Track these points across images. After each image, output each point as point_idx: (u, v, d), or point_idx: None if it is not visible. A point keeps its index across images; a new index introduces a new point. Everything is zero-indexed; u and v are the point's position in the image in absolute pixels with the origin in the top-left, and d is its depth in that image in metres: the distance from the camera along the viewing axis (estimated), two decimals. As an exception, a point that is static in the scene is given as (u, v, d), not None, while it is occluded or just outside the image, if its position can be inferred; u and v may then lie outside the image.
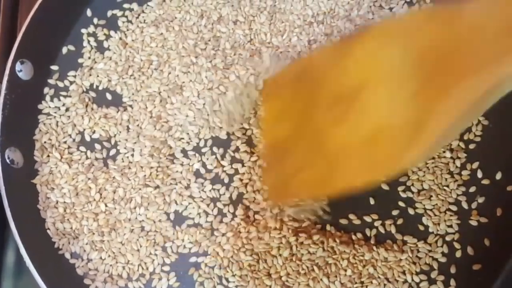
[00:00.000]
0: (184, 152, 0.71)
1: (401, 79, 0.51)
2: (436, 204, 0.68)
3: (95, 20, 0.78)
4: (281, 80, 0.68)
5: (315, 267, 0.65)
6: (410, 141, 0.50)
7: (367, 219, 0.68)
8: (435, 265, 0.66)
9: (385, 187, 0.69)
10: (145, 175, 0.69)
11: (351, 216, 0.68)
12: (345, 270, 0.66)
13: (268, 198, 0.67)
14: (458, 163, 0.69)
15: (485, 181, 0.69)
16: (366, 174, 0.54)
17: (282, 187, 0.64)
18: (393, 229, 0.67)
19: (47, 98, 0.73)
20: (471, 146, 0.70)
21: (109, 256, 0.67)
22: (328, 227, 0.67)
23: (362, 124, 0.55)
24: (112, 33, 0.77)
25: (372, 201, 0.68)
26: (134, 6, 0.79)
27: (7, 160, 0.66)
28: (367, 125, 0.54)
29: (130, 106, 0.73)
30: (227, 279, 0.66)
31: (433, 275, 0.66)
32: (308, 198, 0.66)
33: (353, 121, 0.56)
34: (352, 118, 0.56)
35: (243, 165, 0.70)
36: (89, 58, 0.76)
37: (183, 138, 0.71)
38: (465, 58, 0.47)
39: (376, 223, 0.68)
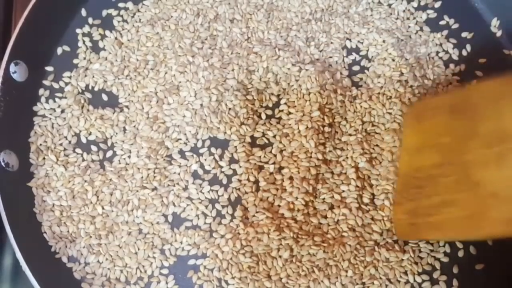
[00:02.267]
0: (181, 153, 0.70)
1: None
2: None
3: (90, 20, 0.77)
4: (432, 109, 0.63)
5: (315, 269, 0.65)
6: None
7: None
8: (438, 265, 0.66)
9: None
10: (142, 177, 0.68)
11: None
12: (346, 271, 0.65)
13: (398, 233, 0.65)
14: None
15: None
16: None
17: (419, 221, 0.61)
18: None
19: (42, 99, 0.72)
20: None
21: (106, 259, 0.66)
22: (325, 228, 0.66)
23: None
24: (107, 32, 0.76)
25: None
26: (129, 5, 0.78)
27: (2, 164, 0.65)
28: None
29: (127, 107, 0.72)
30: (226, 282, 0.65)
31: (436, 275, 0.66)
32: (446, 239, 0.65)
33: None
34: None
35: (241, 166, 0.69)
36: (84, 58, 0.75)
37: (180, 139, 0.70)
38: None
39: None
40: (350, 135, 0.70)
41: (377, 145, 0.70)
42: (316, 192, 0.68)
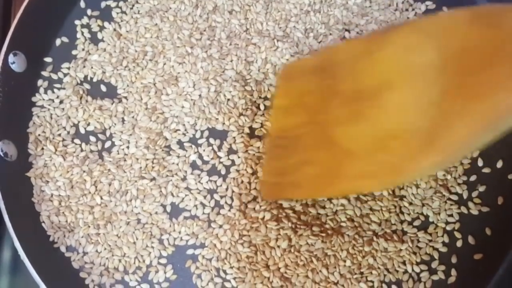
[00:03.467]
0: (180, 143, 0.70)
1: (427, 82, 0.48)
2: (436, 193, 0.67)
3: (89, 11, 0.77)
4: (299, 69, 0.64)
5: (313, 259, 0.65)
6: (422, 150, 0.47)
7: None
8: (436, 255, 0.66)
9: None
10: (140, 167, 0.68)
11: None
12: (344, 261, 0.65)
13: (262, 192, 0.65)
14: (458, 151, 0.68)
15: (486, 170, 0.69)
16: (372, 179, 0.52)
17: (281, 181, 0.62)
18: (393, 219, 0.66)
19: (41, 90, 0.72)
20: (471, 134, 0.69)
21: (105, 249, 0.66)
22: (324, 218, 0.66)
23: (378, 125, 0.52)
24: (106, 24, 0.76)
25: (371, 191, 0.67)
26: (128, -4, 0.78)
27: (1, 153, 0.65)
28: (383, 127, 0.51)
29: (125, 97, 0.72)
30: (224, 271, 0.65)
31: (434, 265, 0.66)
32: (305, 197, 0.65)
33: (369, 121, 0.53)
34: (368, 117, 0.53)
35: (239, 156, 0.69)
36: (83, 49, 0.75)
37: (179, 130, 0.70)
38: (502, 69, 0.44)
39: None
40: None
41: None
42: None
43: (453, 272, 0.65)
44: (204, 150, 0.70)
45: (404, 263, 0.65)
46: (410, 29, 0.53)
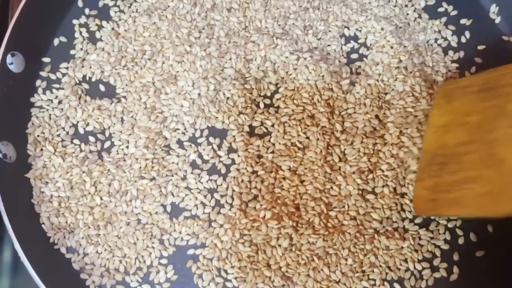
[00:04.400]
0: (179, 143, 0.70)
1: None
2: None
3: (87, 11, 0.76)
4: (461, 89, 0.65)
5: (315, 257, 0.64)
6: None
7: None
8: (438, 253, 0.66)
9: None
10: (140, 167, 0.68)
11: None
12: (346, 260, 0.64)
13: (416, 207, 0.64)
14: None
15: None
16: None
17: (439, 197, 0.61)
18: (394, 217, 0.66)
19: (39, 90, 0.72)
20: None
21: (105, 250, 0.66)
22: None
23: None
24: (104, 23, 0.76)
25: (372, 189, 0.67)
26: (126, -5, 0.77)
27: (0, 155, 0.65)
28: None
29: (124, 97, 0.72)
30: (226, 271, 0.65)
31: (436, 262, 0.65)
32: (465, 215, 0.64)
33: None
34: None
35: (239, 155, 0.69)
36: (81, 49, 0.74)
37: (178, 129, 0.70)
38: None
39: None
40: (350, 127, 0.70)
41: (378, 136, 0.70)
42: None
43: (455, 269, 0.65)
44: (204, 149, 0.69)
45: (406, 261, 0.65)
46: None
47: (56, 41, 0.75)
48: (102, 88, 0.72)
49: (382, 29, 0.75)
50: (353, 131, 0.69)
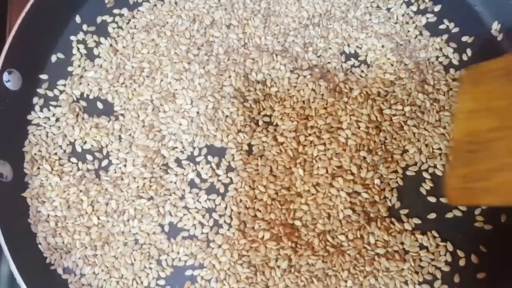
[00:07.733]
0: (178, 161, 0.69)
1: None
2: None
3: (85, 27, 0.76)
4: (487, 73, 0.62)
5: (314, 279, 0.64)
6: None
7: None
8: (438, 275, 0.65)
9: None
10: (138, 186, 0.67)
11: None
12: (346, 282, 0.64)
13: (450, 197, 0.61)
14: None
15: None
16: None
17: (473, 186, 0.59)
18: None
19: (37, 108, 0.71)
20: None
21: (102, 270, 0.65)
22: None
23: None
24: (102, 39, 0.75)
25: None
26: (124, 11, 0.77)
27: (-4, 175, 0.64)
28: None
29: (122, 115, 0.71)
30: (224, 293, 0.64)
31: (437, 284, 0.65)
32: (501, 204, 0.61)
33: None
34: None
35: (238, 174, 0.68)
36: (79, 66, 0.74)
37: (176, 147, 0.69)
38: None
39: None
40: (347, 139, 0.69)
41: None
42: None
43: (456, 291, 0.65)
44: (202, 168, 0.69)
45: (406, 283, 0.64)
46: None
47: (53, 58, 0.74)
48: (100, 105, 0.72)
49: (382, 46, 0.74)
50: (354, 149, 0.68)
